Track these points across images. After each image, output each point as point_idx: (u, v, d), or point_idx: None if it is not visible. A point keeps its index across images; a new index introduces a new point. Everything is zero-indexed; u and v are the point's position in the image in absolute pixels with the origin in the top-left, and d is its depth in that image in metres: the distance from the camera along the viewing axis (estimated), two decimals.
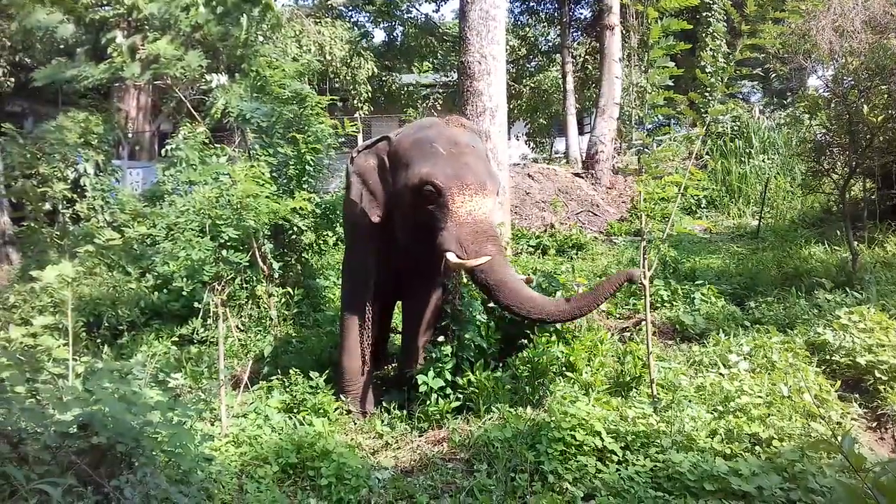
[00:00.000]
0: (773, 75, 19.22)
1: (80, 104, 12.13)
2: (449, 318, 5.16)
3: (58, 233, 9.69)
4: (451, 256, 4.19)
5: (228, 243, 6.49)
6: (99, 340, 6.72)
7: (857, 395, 4.69)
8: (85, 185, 10.73)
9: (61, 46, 12.71)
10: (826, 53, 12.98)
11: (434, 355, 4.92)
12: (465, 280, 5.41)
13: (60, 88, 14.38)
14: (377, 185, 4.81)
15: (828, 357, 5.15)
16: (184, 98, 9.53)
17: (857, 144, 7.55)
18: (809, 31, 13.50)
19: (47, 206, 10.39)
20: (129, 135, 14.01)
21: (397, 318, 6.08)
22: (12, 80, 15.66)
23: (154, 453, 2.90)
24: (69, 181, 10.56)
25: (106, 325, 6.89)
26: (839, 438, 1.86)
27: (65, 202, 10.50)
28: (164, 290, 7.36)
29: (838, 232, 8.72)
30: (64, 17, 11.78)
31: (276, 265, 6.92)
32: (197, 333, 6.28)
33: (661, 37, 4.41)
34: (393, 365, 5.90)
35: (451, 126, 4.72)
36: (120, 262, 8.48)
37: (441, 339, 4.96)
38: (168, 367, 5.51)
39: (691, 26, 4.64)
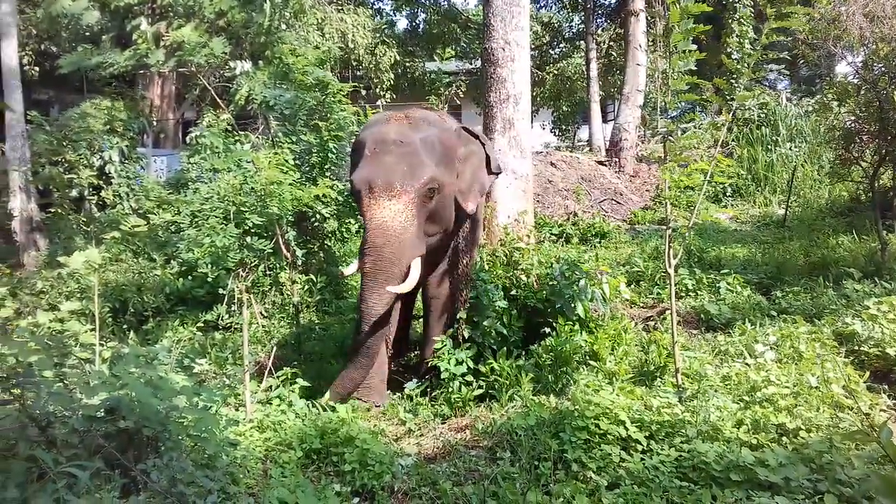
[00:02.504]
0: (801, 61, 18.93)
1: (105, 92, 12.22)
2: (467, 306, 5.17)
3: (84, 219, 9.79)
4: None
5: (252, 230, 6.52)
6: (125, 326, 6.78)
7: (885, 386, 4.62)
8: (110, 173, 10.82)
9: (86, 34, 12.80)
10: (856, 39, 12.74)
11: (445, 344, 4.93)
12: (486, 267, 5.41)
13: (86, 76, 14.49)
14: None
15: (856, 347, 5.08)
16: (208, 85, 9.56)
17: (888, 132, 7.43)
18: (839, 16, 13.26)
19: (74, 193, 10.49)
20: (154, 122, 14.09)
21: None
22: (38, 67, 15.81)
23: (180, 437, 2.92)
24: (95, 168, 10.66)
25: (132, 310, 6.96)
26: (873, 430, 1.83)
27: (91, 189, 10.61)
28: (189, 277, 7.42)
29: (867, 221, 8.60)
30: (89, 4, 11.91)
31: (299, 252, 6.94)
32: (221, 319, 6.33)
33: (681, 19, 4.34)
34: (415, 353, 5.91)
35: (393, 121, 4.74)
36: (145, 249, 8.56)
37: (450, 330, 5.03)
38: (193, 352, 5.54)
39: (711, 8, 4.55)
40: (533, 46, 20.74)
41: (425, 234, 4.73)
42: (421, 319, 5.85)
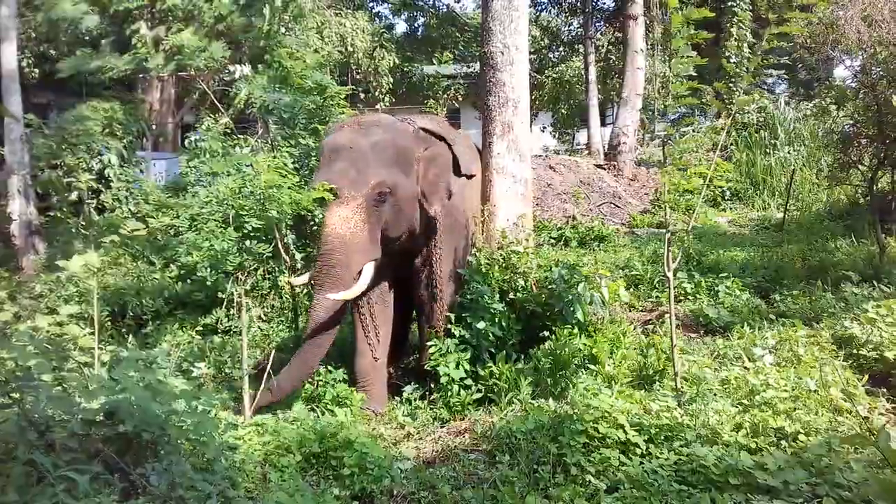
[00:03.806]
0: (800, 65, 18.95)
1: (104, 96, 12.21)
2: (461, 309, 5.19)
3: (83, 223, 9.77)
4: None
5: (251, 234, 6.53)
6: (124, 330, 6.78)
7: (884, 390, 4.62)
8: (109, 177, 10.81)
9: (86, 38, 12.80)
10: (854, 43, 12.75)
11: (438, 347, 4.94)
12: (483, 270, 5.41)
13: (85, 80, 14.48)
14: None
15: (855, 351, 5.09)
16: (207, 89, 9.56)
17: (886, 136, 7.43)
18: (837, 20, 13.28)
19: (73, 197, 10.48)
20: (153, 126, 14.09)
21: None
22: (37, 71, 15.80)
23: (179, 441, 2.92)
24: (94, 172, 10.65)
25: (130, 314, 6.95)
26: (871, 433, 1.83)
27: (90, 193, 10.59)
28: (188, 281, 7.41)
29: (865, 225, 8.60)
30: (89, 9, 11.91)
31: (298, 256, 6.93)
32: (220, 323, 6.32)
33: (682, 26, 4.35)
34: (414, 356, 5.90)
35: (347, 128, 4.85)
36: (144, 253, 8.55)
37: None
38: (192, 356, 5.55)
39: (714, 15, 4.57)
40: (531, 50, 20.78)
41: (387, 238, 4.80)
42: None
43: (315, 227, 7.22)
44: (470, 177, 5.33)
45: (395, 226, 4.84)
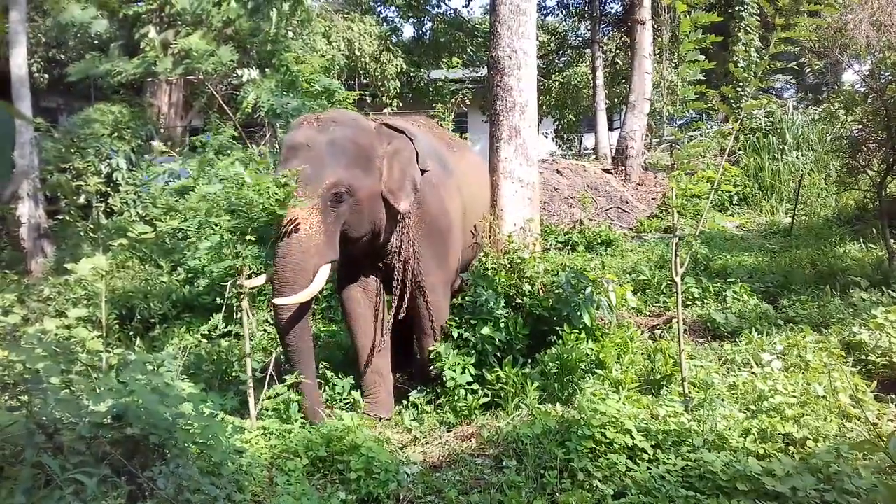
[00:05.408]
0: (808, 70, 18.92)
1: (113, 99, 12.28)
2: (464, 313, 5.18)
3: (91, 226, 9.81)
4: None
5: (234, 237, 6.51)
6: (131, 333, 6.79)
7: (893, 396, 4.60)
8: (118, 180, 10.86)
9: (95, 42, 12.87)
10: (863, 48, 12.74)
11: (438, 351, 4.97)
12: (489, 274, 5.40)
13: (94, 84, 14.55)
14: None
15: (863, 357, 5.07)
16: (215, 93, 9.59)
17: (895, 140, 7.41)
18: (846, 25, 13.26)
19: (81, 200, 10.52)
20: (162, 130, 14.14)
21: None
22: (46, 75, 15.89)
23: (186, 445, 2.92)
24: (102, 175, 10.70)
25: (138, 317, 6.96)
26: (880, 440, 1.82)
27: (98, 196, 10.62)
28: (195, 284, 7.42)
29: (874, 230, 8.57)
30: (98, 13, 11.94)
31: None
32: (217, 329, 6.31)
33: (691, 30, 4.35)
34: None
35: (305, 124, 4.69)
36: (152, 256, 8.57)
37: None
38: (199, 359, 5.55)
39: (722, 19, 4.56)
40: (539, 55, 20.77)
41: (350, 239, 4.68)
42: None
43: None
44: (423, 171, 4.99)
45: (357, 226, 4.68)
